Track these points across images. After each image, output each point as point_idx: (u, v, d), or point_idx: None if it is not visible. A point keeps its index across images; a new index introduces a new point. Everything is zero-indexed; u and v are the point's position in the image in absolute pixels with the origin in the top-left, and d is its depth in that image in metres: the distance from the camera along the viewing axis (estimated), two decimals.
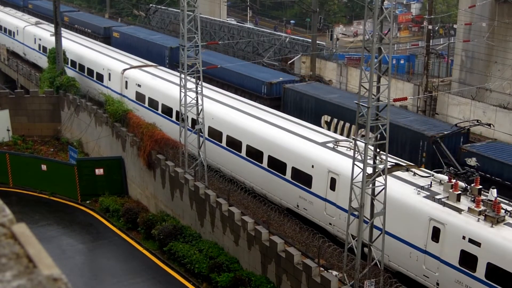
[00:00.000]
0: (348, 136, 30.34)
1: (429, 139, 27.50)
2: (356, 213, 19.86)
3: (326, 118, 33.69)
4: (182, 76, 28.07)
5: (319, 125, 32.04)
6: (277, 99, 37.32)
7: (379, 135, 19.64)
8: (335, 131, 31.81)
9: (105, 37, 56.63)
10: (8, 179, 36.47)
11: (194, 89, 28.07)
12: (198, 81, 28.10)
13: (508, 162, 25.54)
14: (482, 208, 19.44)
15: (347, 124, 32.14)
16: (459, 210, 19.77)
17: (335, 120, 32.96)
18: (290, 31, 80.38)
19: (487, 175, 25.58)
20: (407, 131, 28.93)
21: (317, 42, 53.48)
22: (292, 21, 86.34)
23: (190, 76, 28.44)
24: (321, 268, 21.24)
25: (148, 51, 49.37)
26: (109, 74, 40.62)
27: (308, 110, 34.58)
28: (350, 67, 49.98)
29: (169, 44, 48.67)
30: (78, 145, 39.76)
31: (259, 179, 27.98)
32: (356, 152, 19.44)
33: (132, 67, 39.49)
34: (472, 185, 20.83)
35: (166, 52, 48.22)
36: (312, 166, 25.01)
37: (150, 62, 42.28)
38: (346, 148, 25.07)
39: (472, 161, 26.43)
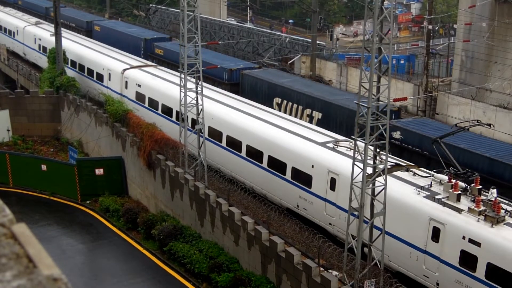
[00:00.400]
0: (296, 116, 34.33)
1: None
2: (356, 213, 19.86)
3: (277, 100, 36.80)
4: (182, 76, 28.07)
5: (271, 107, 35.06)
6: (236, 84, 40.24)
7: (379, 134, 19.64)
8: (285, 112, 35.00)
9: (87, 31, 58.78)
10: (8, 179, 36.47)
11: (194, 89, 28.07)
12: (198, 81, 28.11)
13: (425, 134, 28.90)
14: (482, 208, 19.44)
15: (295, 105, 35.37)
16: (459, 210, 19.78)
17: (285, 102, 36.12)
18: (285, 29, 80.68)
19: (409, 146, 29.58)
20: (342, 108, 32.68)
21: (317, 42, 53.50)
22: (291, 21, 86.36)
23: (190, 76, 28.45)
24: (321, 268, 21.25)
25: (126, 42, 51.51)
26: (109, 74, 40.63)
27: (262, 93, 37.55)
28: (350, 67, 49.98)
29: (143, 36, 51.62)
30: (78, 145, 39.77)
31: (259, 179, 27.98)
32: (356, 152, 19.44)
33: (132, 67, 39.49)
34: (472, 185, 20.83)
35: (141, 44, 50.90)
36: (312, 166, 25.01)
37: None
38: (346, 148, 25.07)
39: (396, 134, 30.41)
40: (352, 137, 20.41)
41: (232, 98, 33.63)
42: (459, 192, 20.36)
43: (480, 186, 20.64)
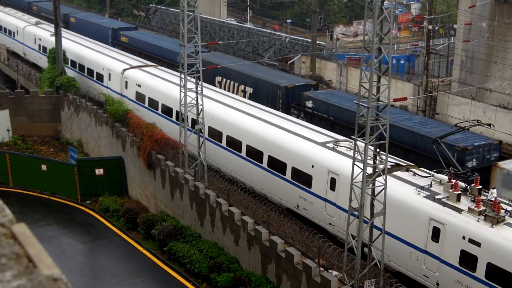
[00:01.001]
0: (233, 91, 39.46)
1: (283, 88, 37.21)
2: (356, 213, 19.86)
3: (218, 78, 42.18)
4: (182, 76, 28.07)
5: (214, 85, 40.46)
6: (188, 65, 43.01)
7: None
8: (224, 89, 40.06)
9: (65, 22, 63.24)
10: (8, 179, 36.47)
11: (194, 89, 28.07)
12: (198, 81, 28.11)
13: (330, 102, 34.98)
14: (482, 208, 19.44)
15: (232, 82, 41.04)
16: (459, 210, 19.78)
17: (225, 80, 41.73)
18: (277, 26, 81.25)
19: (319, 113, 35.29)
20: (267, 83, 38.15)
21: (317, 42, 53.50)
22: (289, 20, 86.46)
23: (190, 76, 28.45)
24: (321, 268, 21.24)
25: (97, 32, 57.69)
26: (109, 74, 40.63)
27: (208, 72, 40.47)
28: (350, 67, 49.98)
29: (111, 26, 58.48)
30: (78, 145, 39.76)
31: (259, 179, 27.98)
32: (356, 152, 19.44)
33: (132, 67, 39.49)
34: (472, 185, 20.83)
35: (109, 32, 57.26)
36: (312, 166, 25.01)
37: (149, 62, 42.55)
38: (346, 148, 25.08)
39: (309, 103, 36.01)
40: (352, 137, 20.41)
41: (232, 98, 33.63)
42: (459, 192, 20.36)
43: (480, 186, 20.65)
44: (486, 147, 29.10)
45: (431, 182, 21.59)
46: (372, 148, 20.07)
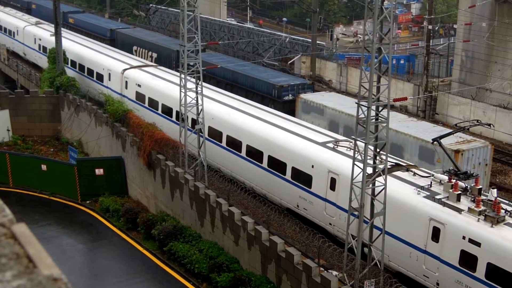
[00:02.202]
0: (145, 57, 48.67)
1: (175, 52, 44.84)
2: (356, 213, 19.86)
3: (135, 48, 52.23)
4: (182, 76, 28.07)
5: (132, 53, 49.49)
6: (113, 39, 56.21)
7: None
8: (140, 57, 49.15)
9: (28, 9, 73.95)
10: (8, 179, 36.46)
11: (194, 89, 28.07)
12: (198, 81, 28.11)
13: (225, 66, 42.01)
14: (482, 208, 19.44)
15: (144, 50, 50.94)
16: (459, 210, 19.78)
17: (139, 49, 51.68)
18: (261, 21, 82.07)
19: (223, 79, 42.26)
20: (165, 48, 48.53)
21: (317, 42, 53.49)
22: (284, 19, 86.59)
23: (190, 76, 28.45)
24: (321, 268, 21.24)
25: (50, 16, 62.69)
26: (109, 74, 40.63)
27: (128, 44, 53.04)
28: (350, 67, 49.99)
29: (62, 10, 63.50)
30: (78, 145, 39.76)
31: (259, 179, 27.98)
32: (356, 152, 19.44)
33: (132, 67, 39.49)
34: (472, 185, 20.83)
35: (60, 15, 68.05)
36: (312, 166, 25.01)
37: (149, 62, 42.58)
38: (346, 148, 25.07)
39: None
40: (352, 137, 20.42)
41: (232, 98, 33.63)
42: (459, 192, 20.36)
43: (480, 186, 20.66)
44: (300, 86, 38.53)
45: (431, 182, 21.59)
46: (372, 148, 20.08)
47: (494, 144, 31.33)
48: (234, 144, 29.47)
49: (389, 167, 21.79)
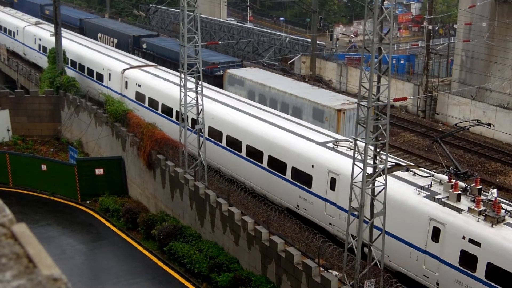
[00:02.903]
0: (108, 43, 54.38)
1: (131, 37, 53.78)
2: (356, 213, 19.86)
3: (99, 35, 58.10)
4: (182, 76, 28.07)
5: (97, 39, 55.31)
6: (81, 28, 62.23)
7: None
8: (103, 42, 54.48)
9: (10, 2, 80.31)
10: (8, 179, 36.46)
11: (194, 89, 28.07)
12: (198, 81, 28.10)
13: (156, 44, 51.11)
14: (482, 208, 19.44)
15: (108, 37, 56.81)
16: (459, 210, 19.78)
17: (104, 36, 57.64)
18: (252, 18, 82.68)
19: (150, 52, 50.96)
20: (123, 34, 55.14)
21: (317, 42, 53.48)
22: (281, 18, 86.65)
23: (190, 76, 28.45)
24: (321, 268, 21.24)
25: (29, 8, 72.78)
26: (109, 74, 40.62)
27: (93, 31, 59.44)
28: (350, 67, 49.98)
29: (40, 3, 73.90)
30: (78, 145, 39.76)
31: (259, 179, 27.98)
32: (356, 152, 19.44)
33: (132, 67, 39.49)
34: (472, 185, 20.83)
35: (38, 8, 72.77)
36: (312, 166, 25.01)
37: (149, 62, 42.63)
38: (346, 148, 25.07)
39: (144, 45, 51.93)
40: (352, 137, 20.41)
41: (232, 98, 33.63)
42: (459, 192, 20.37)
43: (480, 186, 20.66)
44: (230, 63, 44.44)
45: (431, 182, 21.59)
46: (372, 148, 20.08)
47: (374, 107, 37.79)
48: (234, 144, 29.47)
49: (389, 167, 21.79)
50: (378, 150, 20.04)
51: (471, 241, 19.02)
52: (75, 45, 46.21)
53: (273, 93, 37.23)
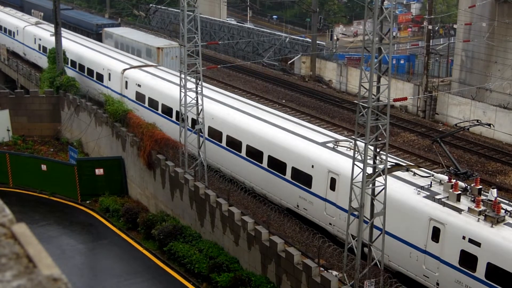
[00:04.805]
0: (38, 17, 64.97)
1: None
2: (356, 213, 19.86)
3: (33, 11, 70.59)
4: (182, 76, 28.07)
5: (30, 14, 65.99)
6: (22, 6, 73.71)
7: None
8: (34, 16, 63.31)
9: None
10: (8, 179, 36.46)
11: (194, 89, 28.07)
12: (198, 81, 28.10)
13: (71, 15, 64.84)
14: (482, 208, 19.44)
15: (37, 12, 69.71)
16: (459, 210, 19.78)
17: (34, 11, 70.84)
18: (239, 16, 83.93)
19: (66, 22, 59.90)
20: (47, 9, 67.15)
21: (317, 42, 53.48)
22: (274, 16, 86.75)
23: (190, 76, 28.45)
24: (321, 268, 21.25)
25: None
26: (109, 74, 40.62)
27: (29, 8, 73.11)
28: (350, 67, 49.98)
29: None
30: (78, 145, 39.76)
31: (259, 179, 27.98)
32: (356, 152, 19.44)
33: (132, 67, 39.48)
34: (472, 185, 20.83)
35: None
36: (312, 166, 25.01)
37: (149, 62, 42.65)
38: (346, 148, 25.07)
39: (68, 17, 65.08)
40: (352, 137, 20.41)
41: (232, 98, 33.64)
42: (459, 192, 20.37)
43: (480, 186, 20.66)
44: (110, 24, 59.99)
45: (431, 182, 21.59)
46: (372, 148, 20.08)
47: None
48: (234, 144, 29.47)
49: (389, 167, 21.79)
50: (378, 150, 20.05)
51: (471, 241, 19.02)
52: (75, 45, 46.20)
53: (126, 41, 51.46)
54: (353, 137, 20.16)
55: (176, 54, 44.97)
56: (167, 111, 34.49)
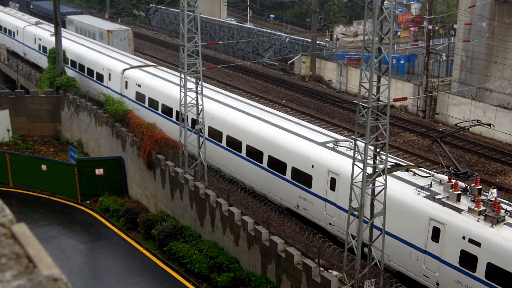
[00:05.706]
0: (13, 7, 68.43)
1: (25, 2, 76.33)
2: (356, 213, 19.86)
3: (10, 3, 72.09)
4: (182, 76, 28.07)
5: (8, 6, 69.48)
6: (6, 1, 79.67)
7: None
8: (12, 8, 68.62)
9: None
10: (8, 179, 36.46)
11: (194, 89, 28.07)
12: (198, 81, 28.11)
13: (45, 6, 74.66)
14: (482, 208, 19.44)
15: (14, 3, 72.05)
16: (459, 210, 19.78)
17: (12, 3, 71.28)
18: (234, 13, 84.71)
19: (36, 11, 74.11)
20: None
21: (317, 42, 53.48)
22: (272, 16, 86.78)
23: (190, 76, 28.45)
24: (321, 268, 21.24)
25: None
26: (109, 74, 40.62)
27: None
28: (350, 67, 49.98)
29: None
30: (78, 145, 39.76)
31: (259, 179, 27.98)
32: (356, 152, 19.44)
33: (132, 67, 39.48)
34: (472, 185, 20.83)
35: None
36: (312, 166, 25.01)
37: (149, 62, 42.63)
38: (346, 148, 25.07)
39: (31, 6, 73.49)
40: (352, 137, 20.41)
41: (232, 98, 33.64)
42: (459, 192, 20.37)
43: (480, 186, 20.66)
44: (74, 12, 68.32)
45: (431, 182, 21.59)
46: (372, 148, 20.08)
47: (134, 30, 58.14)
48: (234, 144, 29.47)
49: (389, 167, 21.79)
50: (378, 150, 20.05)
51: (471, 241, 19.02)
52: (75, 45, 46.21)
53: (84, 26, 58.46)
54: (353, 137, 20.16)
55: (124, 36, 53.39)
56: (167, 111, 34.49)
